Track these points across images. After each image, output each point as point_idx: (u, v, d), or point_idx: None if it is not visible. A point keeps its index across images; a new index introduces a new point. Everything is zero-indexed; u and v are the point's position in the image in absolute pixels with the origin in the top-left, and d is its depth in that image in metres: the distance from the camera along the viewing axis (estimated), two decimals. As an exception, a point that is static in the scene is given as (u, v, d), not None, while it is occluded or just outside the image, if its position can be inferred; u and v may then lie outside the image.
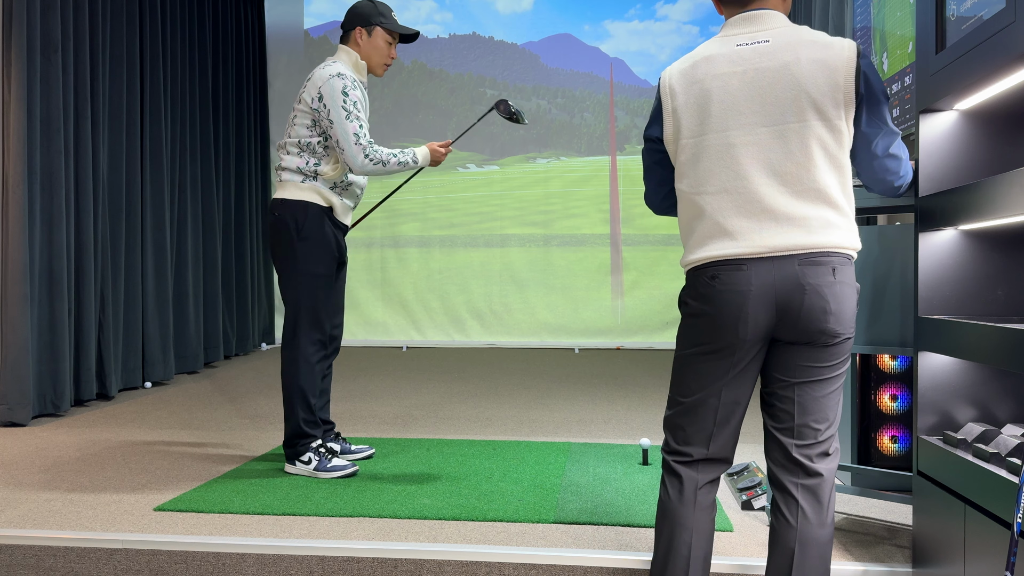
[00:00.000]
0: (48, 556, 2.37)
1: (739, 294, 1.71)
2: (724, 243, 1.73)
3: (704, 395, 1.81)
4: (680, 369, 1.86)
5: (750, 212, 1.72)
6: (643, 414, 4.26)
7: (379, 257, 7.20)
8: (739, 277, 1.72)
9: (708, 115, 1.76)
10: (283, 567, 2.30)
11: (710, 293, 1.75)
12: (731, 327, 1.73)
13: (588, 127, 7.22)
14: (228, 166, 6.38)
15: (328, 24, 7.38)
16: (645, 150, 1.93)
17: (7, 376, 3.97)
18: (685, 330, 1.84)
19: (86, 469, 3.18)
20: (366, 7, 3.12)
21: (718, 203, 1.75)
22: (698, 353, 1.80)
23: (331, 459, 3.01)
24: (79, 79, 4.47)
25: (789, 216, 1.70)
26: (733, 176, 1.73)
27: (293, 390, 3.02)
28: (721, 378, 1.80)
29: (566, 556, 2.25)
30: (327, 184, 3.03)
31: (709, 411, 1.82)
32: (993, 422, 2.06)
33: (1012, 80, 1.77)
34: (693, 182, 1.79)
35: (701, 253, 1.77)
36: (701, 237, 1.78)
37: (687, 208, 1.82)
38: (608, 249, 7.15)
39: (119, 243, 4.84)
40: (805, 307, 1.70)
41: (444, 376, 5.57)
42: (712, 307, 1.75)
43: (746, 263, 1.72)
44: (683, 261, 1.86)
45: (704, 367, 1.80)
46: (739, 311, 1.72)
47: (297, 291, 3.01)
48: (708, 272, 1.76)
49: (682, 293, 1.87)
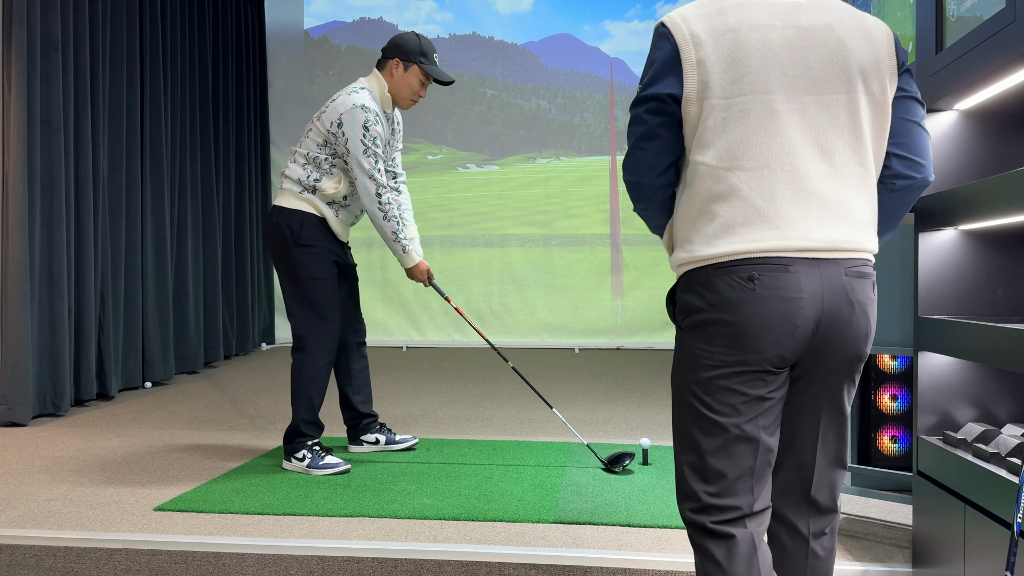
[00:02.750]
0: (48, 556, 2.37)
1: (788, 302, 1.39)
2: (763, 233, 1.40)
3: (739, 424, 1.43)
4: (695, 398, 1.46)
5: (796, 195, 1.41)
6: (643, 414, 4.26)
7: (379, 257, 7.19)
8: (787, 281, 1.39)
9: (746, 71, 1.41)
10: (283, 567, 2.30)
11: (744, 299, 1.39)
12: (773, 343, 1.39)
13: (588, 127, 7.22)
14: (228, 166, 6.38)
15: (328, 24, 7.39)
16: (646, 110, 1.50)
17: (7, 376, 3.97)
18: (698, 345, 1.45)
19: (86, 469, 3.18)
20: (411, 42, 3.11)
21: (757, 181, 1.41)
22: (726, 375, 1.42)
23: (324, 457, 3.07)
24: (79, 79, 4.47)
25: (836, 204, 1.42)
26: (778, 148, 1.41)
27: (299, 391, 3.09)
28: (756, 407, 1.43)
29: (566, 556, 2.25)
30: (324, 200, 3.07)
31: (747, 447, 1.44)
32: (993, 422, 2.06)
33: (1012, 80, 1.78)
34: (722, 153, 1.43)
35: (729, 246, 1.41)
36: (728, 224, 1.42)
37: (707, 187, 1.45)
38: (608, 249, 7.15)
39: (119, 243, 4.84)
40: (851, 328, 1.43)
41: (444, 376, 5.57)
42: (746, 317, 1.39)
43: (792, 264, 1.40)
44: (688, 257, 1.47)
45: (733, 391, 1.43)
46: (786, 323, 1.39)
47: (299, 296, 3.05)
48: (740, 271, 1.40)
49: (685, 297, 1.49)
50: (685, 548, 2.31)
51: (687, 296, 1.48)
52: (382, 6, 7.35)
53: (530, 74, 7.30)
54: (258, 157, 6.97)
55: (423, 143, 7.32)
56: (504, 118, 7.29)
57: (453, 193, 7.29)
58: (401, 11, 7.36)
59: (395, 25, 7.33)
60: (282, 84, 7.38)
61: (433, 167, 7.29)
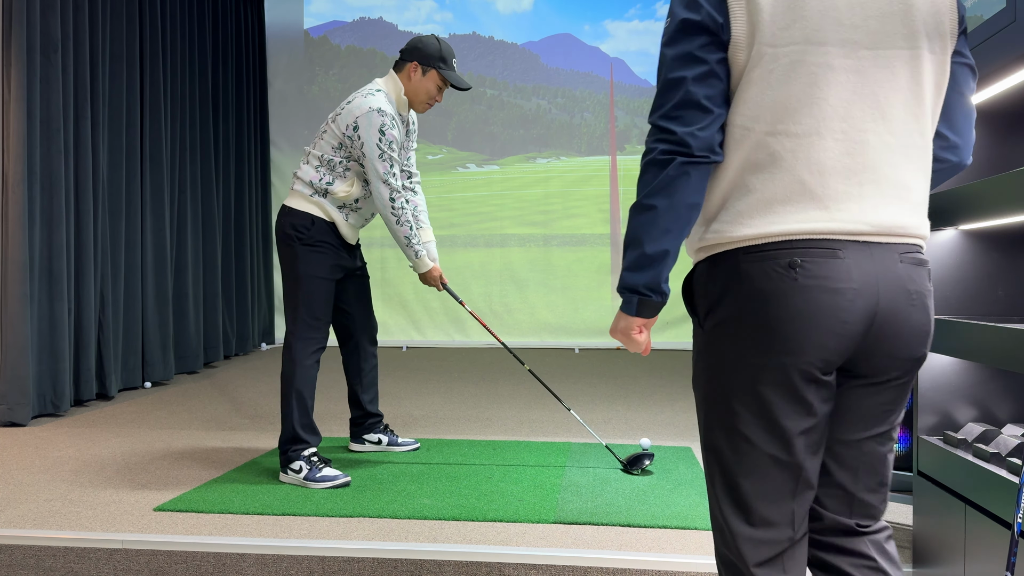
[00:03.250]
0: (48, 556, 2.37)
1: (836, 294, 1.18)
2: (808, 212, 1.20)
3: (778, 443, 1.22)
4: (724, 412, 1.26)
5: (849, 168, 1.20)
6: (643, 414, 4.26)
7: (379, 257, 7.19)
8: (836, 269, 1.18)
9: (801, 17, 1.19)
10: (283, 567, 2.30)
11: (783, 290, 1.18)
12: (816, 343, 1.19)
13: (588, 127, 7.22)
14: (228, 166, 6.38)
15: (328, 24, 7.38)
16: (701, 47, 1.22)
17: (7, 376, 3.97)
18: (725, 347, 1.24)
19: (86, 469, 3.18)
20: (431, 46, 3.08)
21: (804, 150, 1.20)
22: (760, 383, 1.22)
23: (322, 468, 2.95)
24: (79, 79, 4.47)
25: (893, 181, 1.22)
26: (830, 112, 1.20)
27: (289, 392, 3.00)
28: (797, 422, 1.22)
29: (566, 556, 2.24)
30: (335, 203, 3.04)
31: (788, 470, 1.23)
32: (993, 422, 2.06)
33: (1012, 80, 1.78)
34: (764, 114, 1.22)
35: (766, 226, 1.21)
36: (766, 200, 1.21)
37: (743, 154, 1.24)
38: (608, 249, 7.15)
39: (119, 243, 4.84)
40: (909, 324, 1.23)
41: (444, 376, 5.57)
42: (785, 311, 1.18)
43: (842, 247, 1.19)
44: (713, 238, 1.26)
45: (768, 404, 1.22)
46: (833, 319, 1.18)
47: (296, 293, 3.02)
48: (778, 257, 1.19)
49: (707, 289, 1.27)
50: (685, 548, 2.31)
51: (710, 287, 1.26)
52: (382, 6, 7.35)
53: (530, 74, 7.30)
54: (258, 157, 6.97)
55: (423, 143, 7.32)
56: (504, 118, 7.29)
57: (453, 193, 7.29)
58: (401, 11, 7.36)
59: (395, 25, 7.33)
60: (282, 84, 7.38)
61: (433, 167, 7.29)
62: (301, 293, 3.01)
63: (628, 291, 1.28)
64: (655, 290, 1.27)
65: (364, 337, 3.29)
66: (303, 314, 3.01)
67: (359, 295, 3.26)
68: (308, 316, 3.01)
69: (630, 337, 1.34)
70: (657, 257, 1.25)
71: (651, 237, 1.24)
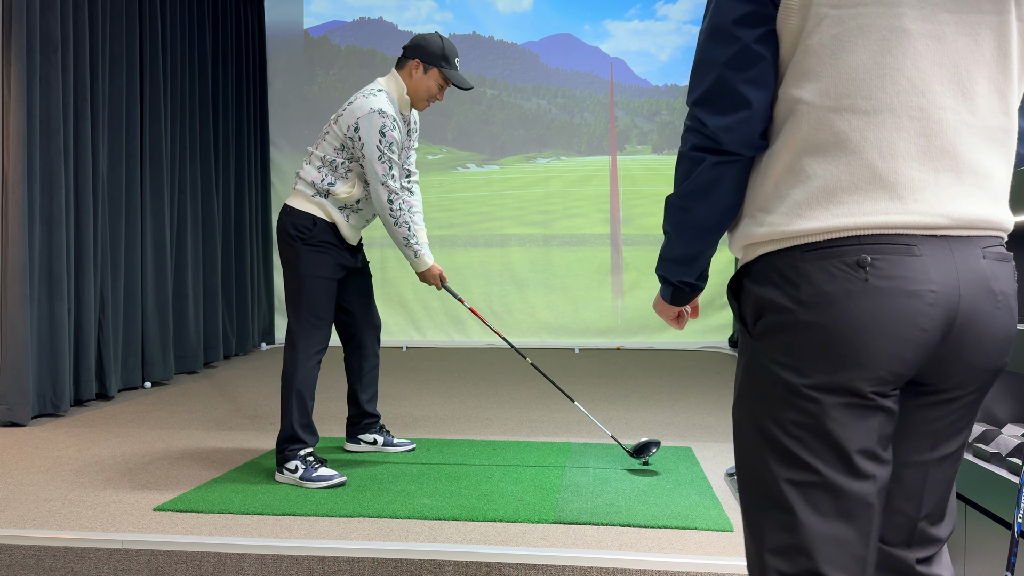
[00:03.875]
0: (48, 556, 2.37)
1: (913, 297, 1.02)
2: (879, 202, 1.04)
3: (843, 470, 1.04)
4: (778, 436, 1.07)
5: (926, 152, 1.04)
6: (643, 414, 4.26)
7: (379, 257, 7.19)
8: (912, 267, 1.02)
9: None
10: (283, 567, 2.30)
11: (852, 292, 1.02)
12: (890, 354, 1.03)
13: (588, 127, 7.22)
14: (228, 166, 6.38)
15: (328, 24, 7.38)
16: (737, 20, 1.07)
17: (7, 376, 3.97)
18: (779, 359, 1.07)
19: (86, 469, 3.18)
20: (434, 45, 3.09)
21: (874, 129, 1.04)
22: (823, 402, 1.04)
23: (317, 468, 2.94)
24: (79, 79, 4.47)
25: (973, 167, 1.06)
26: (906, 85, 1.04)
27: (290, 391, 3.00)
28: (868, 446, 1.05)
29: (566, 556, 2.24)
30: (336, 204, 3.05)
31: (859, 504, 1.04)
32: (993, 422, 2.06)
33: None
34: (828, 87, 1.05)
35: (830, 219, 1.05)
36: (828, 188, 1.05)
37: (802, 134, 1.07)
38: (608, 249, 7.15)
39: (119, 243, 4.83)
40: (992, 331, 1.07)
41: (444, 376, 5.57)
42: (854, 317, 1.02)
43: (918, 243, 1.03)
44: (765, 233, 1.10)
45: (832, 427, 1.04)
46: (909, 326, 1.02)
47: (298, 293, 3.02)
48: (845, 254, 1.04)
49: (759, 291, 1.11)
50: (685, 548, 2.31)
51: (762, 289, 1.10)
52: (382, 6, 7.35)
53: (530, 74, 7.30)
54: (258, 157, 6.97)
55: (423, 143, 7.32)
56: (504, 118, 7.29)
57: (453, 193, 7.29)
58: (401, 11, 7.36)
59: (395, 25, 7.33)
60: (282, 84, 7.38)
61: (433, 167, 7.29)
62: (303, 293, 3.01)
63: (664, 281, 1.25)
64: (689, 284, 1.24)
65: (366, 336, 3.29)
66: (305, 314, 3.01)
67: (361, 294, 3.26)
68: (310, 316, 3.01)
69: (669, 319, 1.34)
70: (691, 257, 1.19)
71: (685, 238, 1.17)
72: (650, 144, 7.12)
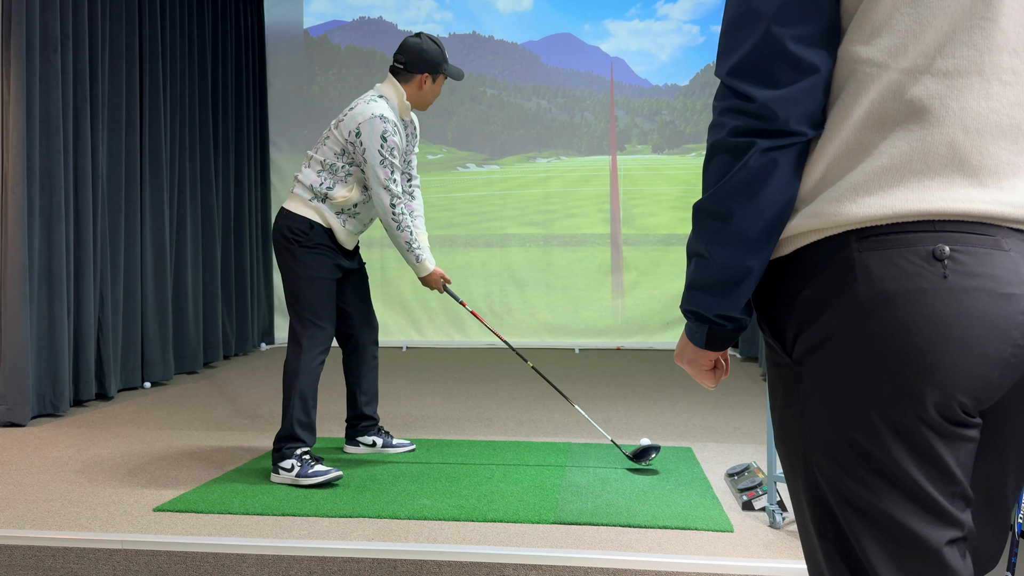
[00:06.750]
0: (48, 556, 2.37)
1: (1004, 300, 0.81)
2: (959, 190, 0.83)
3: (923, 513, 0.83)
4: (845, 480, 0.85)
5: (1019, 127, 0.85)
6: (643, 414, 4.26)
7: (379, 257, 7.19)
8: (1002, 265, 0.82)
9: None
10: (283, 567, 2.30)
11: (927, 290, 0.81)
12: (976, 369, 0.82)
13: (588, 127, 7.22)
14: (228, 166, 6.38)
15: (328, 24, 7.38)
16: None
17: (6, 376, 3.96)
18: (835, 380, 0.85)
19: (86, 469, 3.17)
20: (436, 53, 3.16)
21: (958, 97, 0.83)
22: (896, 428, 0.83)
23: (313, 465, 2.94)
24: (78, 78, 4.47)
25: None
26: (1003, 41, 0.84)
27: (292, 391, 3.02)
28: (948, 483, 0.84)
29: (566, 556, 2.24)
30: (334, 209, 3.06)
31: (949, 555, 0.84)
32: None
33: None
34: (900, 44, 0.84)
35: (899, 203, 0.83)
36: (897, 166, 0.84)
37: (868, 101, 0.86)
38: (608, 249, 7.15)
39: (118, 243, 4.83)
40: None
41: (444, 376, 5.57)
42: (929, 321, 0.81)
43: (1006, 238, 0.84)
44: (810, 223, 0.88)
45: (909, 460, 0.83)
46: (1001, 336, 0.81)
47: (297, 295, 3.03)
48: (918, 244, 0.83)
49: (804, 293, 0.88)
50: (685, 548, 2.31)
51: (807, 290, 0.87)
52: (382, 5, 7.35)
53: (530, 73, 7.29)
54: (257, 156, 6.97)
55: (423, 143, 7.32)
56: (504, 118, 7.29)
57: (453, 193, 7.29)
58: (401, 10, 7.36)
59: (395, 24, 7.33)
60: (281, 83, 7.38)
61: (432, 167, 7.29)
62: (302, 294, 3.02)
63: (695, 317, 0.95)
64: (731, 319, 0.93)
65: (364, 337, 3.29)
66: (306, 315, 3.02)
67: (358, 295, 3.27)
68: (311, 316, 3.02)
69: (700, 372, 1.03)
70: (734, 281, 0.90)
71: (725, 254, 0.90)
72: (650, 144, 7.12)
